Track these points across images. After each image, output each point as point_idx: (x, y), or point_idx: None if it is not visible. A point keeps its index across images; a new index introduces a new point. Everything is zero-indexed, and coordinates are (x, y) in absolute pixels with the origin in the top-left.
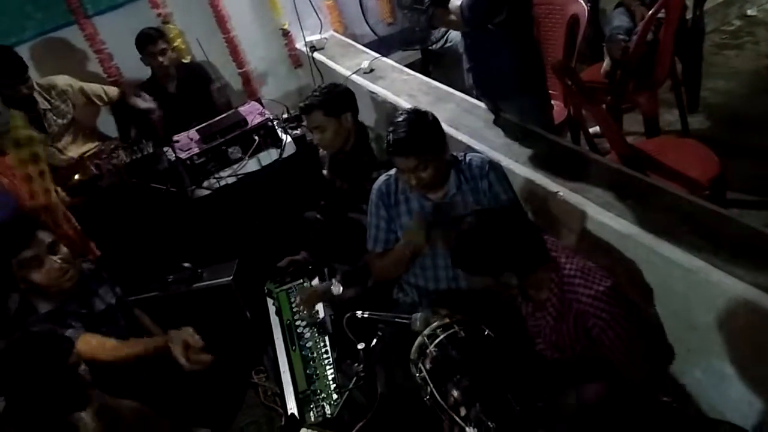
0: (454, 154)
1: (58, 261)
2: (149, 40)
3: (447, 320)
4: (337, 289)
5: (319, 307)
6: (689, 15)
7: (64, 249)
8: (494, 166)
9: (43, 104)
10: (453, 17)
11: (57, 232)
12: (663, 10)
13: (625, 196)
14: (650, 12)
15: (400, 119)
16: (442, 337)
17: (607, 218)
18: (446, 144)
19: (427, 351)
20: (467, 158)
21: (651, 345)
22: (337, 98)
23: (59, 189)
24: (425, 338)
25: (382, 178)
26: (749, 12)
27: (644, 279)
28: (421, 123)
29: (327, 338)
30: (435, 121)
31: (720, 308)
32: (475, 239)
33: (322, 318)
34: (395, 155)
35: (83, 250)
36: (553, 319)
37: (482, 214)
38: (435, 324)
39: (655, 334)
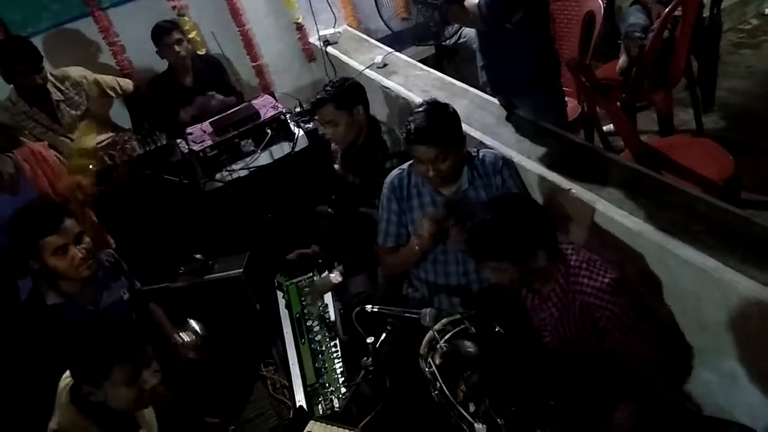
0: (468, 149)
1: (83, 251)
2: (165, 32)
3: (457, 316)
4: (337, 277)
5: (329, 301)
6: (706, 13)
7: (87, 239)
8: (507, 163)
9: (57, 95)
10: (470, 15)
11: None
12: (679, 8)
13: (639, 194)
14: (667, 10)
15: (421, 109)
16: (452, 332)
17: (619, 216)
18: (465, 137)
19: (437, 346)
20: (480, 154)
21: (663, 338)
22: (347, 91)
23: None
24: (435, 333)
25: (395, 172)
26: (767, 11)
27: (656, 277)
28: (443, 113)
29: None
30: (455, 114)
31: (732, 308)
32: (499, 223)
33: (333, 321)
34: (416, 143)
35: (99, 241)
36: (557, 310)
37: (500, 200)
38: (445, 319)
39: (668, 332)
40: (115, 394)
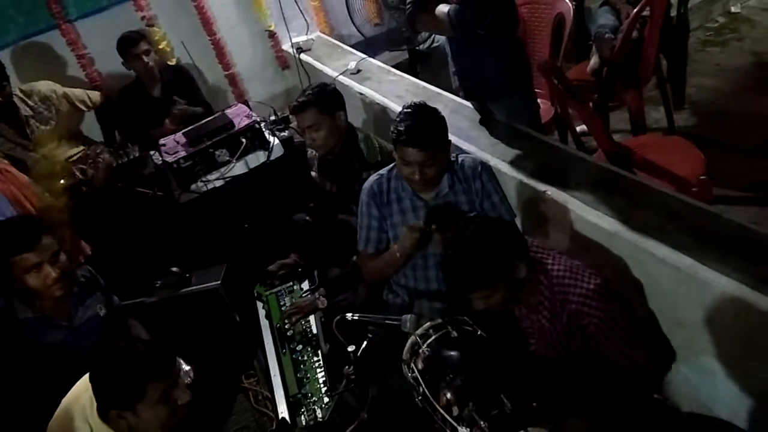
0: None
1: (57, 270)
2: (131, 43)
3: (439, 320)
4: (322, 302)
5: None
6: (674, 12)
7: (63, 257)
8: (486, 167)
9: (26, 110)
10: (439, 23)
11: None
12: (647, 8)
13: (612, 194)
14: (635, 10)
15: (410, 110)
16: (434, 337)
17: (594, 216)
18: (450, 143)
19: (420, 351)
20: (459, 159)
21: (648, 339)
22: (330, 96)
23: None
24: (417, 338)
25: (373, 177)
26: (733, 9)
27: (632, 277)
28: (433, 117)
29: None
30: (443, 119)
31: (708, 305)
32: (471, 253)
33: (315, 334)
34: (405, 145)
35: (75, 252)
36: (547, 320)
37: (460, 233)
38: (427, 324)
39: (649, 334)
40: (149, 415)
